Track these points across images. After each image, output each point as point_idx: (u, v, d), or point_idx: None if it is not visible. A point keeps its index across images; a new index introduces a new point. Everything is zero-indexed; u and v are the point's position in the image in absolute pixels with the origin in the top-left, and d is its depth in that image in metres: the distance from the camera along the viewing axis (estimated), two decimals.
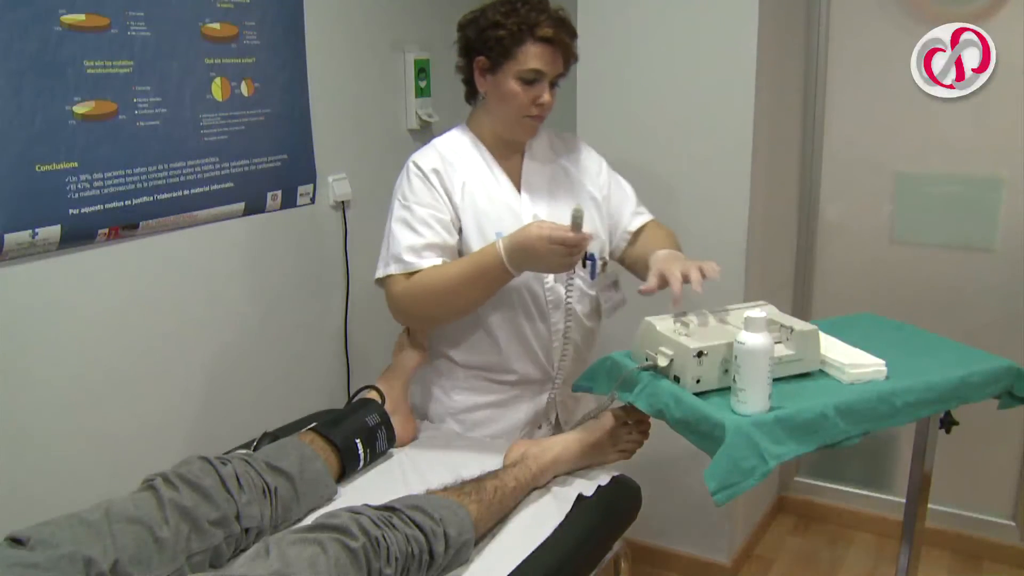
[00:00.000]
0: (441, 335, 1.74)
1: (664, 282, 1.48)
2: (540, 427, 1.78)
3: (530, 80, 1.58)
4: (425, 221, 1.59)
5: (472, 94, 1.71)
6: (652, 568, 2.54)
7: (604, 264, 1.72)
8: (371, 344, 2.50)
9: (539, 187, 1.71)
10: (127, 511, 1.15)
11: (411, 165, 1.66)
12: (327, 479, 1.42)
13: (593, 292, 1.74)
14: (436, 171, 1.63)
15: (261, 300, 2.15)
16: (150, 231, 1.82)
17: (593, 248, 1.62)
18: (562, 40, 1.58)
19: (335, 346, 2.41)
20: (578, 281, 1.69)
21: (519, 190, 1.69)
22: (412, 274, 1.58)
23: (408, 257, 1.58)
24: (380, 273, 1.62)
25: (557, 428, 1.78)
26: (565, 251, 1.46)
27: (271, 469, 1.35)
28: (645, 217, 1.83)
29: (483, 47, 1.59)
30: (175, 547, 1.16)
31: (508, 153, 1.71)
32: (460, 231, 1.63)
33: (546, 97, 1.60)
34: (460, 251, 1.63)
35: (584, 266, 1.62)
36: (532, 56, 1.57)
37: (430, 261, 1.58)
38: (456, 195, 1.63)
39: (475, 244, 1.62)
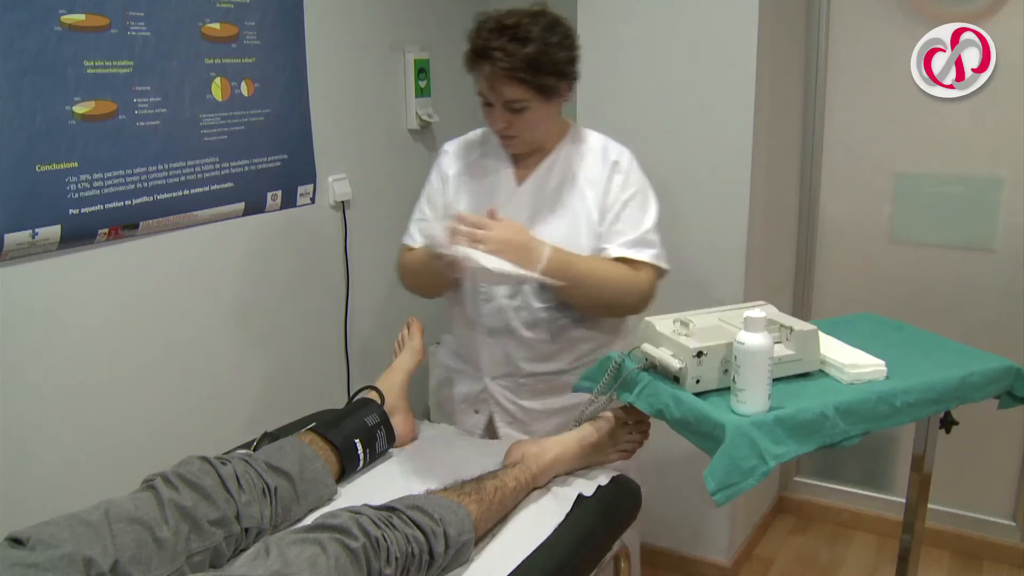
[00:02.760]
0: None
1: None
2: (477, 411, 1.81)
3: (485, 102, 1.60)
4: (428, 199, 1.79)
5: None
6: (652, 568, 2.54)
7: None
8: (371, 344, 2.51)
9: (541, 189, 1.70)
10: (127, 511, 1.15)
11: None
12: (327, 479, 1.42)
13: (539, 304, 1.67)
14: (445, 152, 1.80)
15: (261, 300, 2.15)
16: (150, 231, 1.82)
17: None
18: (500, 76, 1.53)
19: (335, 346, 2.41)
20: (527, 288, 1.67)
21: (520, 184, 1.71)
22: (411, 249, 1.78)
23: (411, 228, 1.79)
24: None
25: (491, 425, 1.80)
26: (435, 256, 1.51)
27: (271, 469, 1.35)
28: (624, 252, 1.66)
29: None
30: (175, 547, 1.16)
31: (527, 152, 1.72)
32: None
33: (495, 123, 1.60)
34: None
35: None
36: (479, 79, 1.58)
37: (418, 240, 1.76)
38: (451, 177, 1.76)
39: None
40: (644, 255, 1.66)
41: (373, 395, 1.66)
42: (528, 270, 1.48)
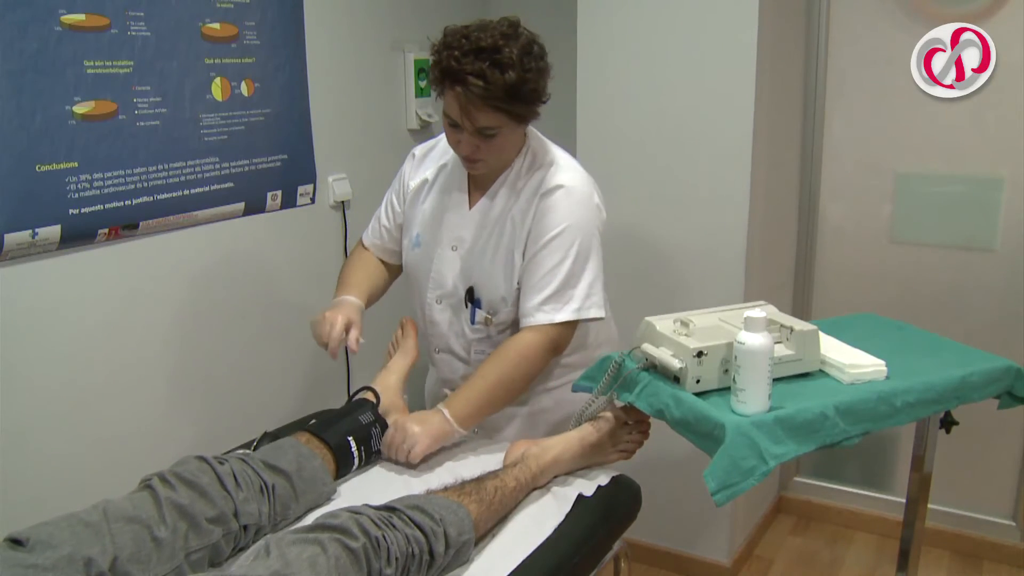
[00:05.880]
0: None
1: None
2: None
3: (451, 123, 1.50)
4: (389, 203, 1.79)
5: None
6: (652, 568, 2.54)
7: (488, 320, 1.65)
8: (371, 344, 2.50)
9: (485, 216, 1.63)
10: (125, 511, 1.15)
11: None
12: (325, 476, 1.42)
13: (471, 336, 1.69)
14: (413, 156, 1.76)
15: (261, 300, 2.15)
16: (150, 231, 1.82)
17: (486, 296, 1.64)
18: (474, 102, 1.42)
19: None
20: (463, 317, 1.69)
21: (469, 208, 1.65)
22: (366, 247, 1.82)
23: (372, 224, 1.82)
24: None
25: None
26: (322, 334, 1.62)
27: (268, 468, 1.35)
28: (531, 320, 1.57)
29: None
30: (173, 545, 1.16)
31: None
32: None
33: (462, 148, 1.51)
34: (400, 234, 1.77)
35: (466, 306, 1.67)
36: (448, 102, 1.47)
37: (371, 239, 1.81)
38: (413, 184, 1.73)
39: (404, 236, 1.75)
40: (561, 314, 1.55)
41: (369, 396, 1.66)
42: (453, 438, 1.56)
